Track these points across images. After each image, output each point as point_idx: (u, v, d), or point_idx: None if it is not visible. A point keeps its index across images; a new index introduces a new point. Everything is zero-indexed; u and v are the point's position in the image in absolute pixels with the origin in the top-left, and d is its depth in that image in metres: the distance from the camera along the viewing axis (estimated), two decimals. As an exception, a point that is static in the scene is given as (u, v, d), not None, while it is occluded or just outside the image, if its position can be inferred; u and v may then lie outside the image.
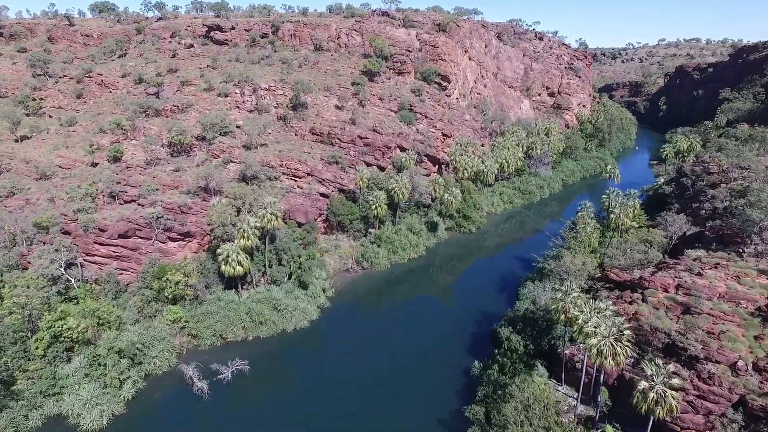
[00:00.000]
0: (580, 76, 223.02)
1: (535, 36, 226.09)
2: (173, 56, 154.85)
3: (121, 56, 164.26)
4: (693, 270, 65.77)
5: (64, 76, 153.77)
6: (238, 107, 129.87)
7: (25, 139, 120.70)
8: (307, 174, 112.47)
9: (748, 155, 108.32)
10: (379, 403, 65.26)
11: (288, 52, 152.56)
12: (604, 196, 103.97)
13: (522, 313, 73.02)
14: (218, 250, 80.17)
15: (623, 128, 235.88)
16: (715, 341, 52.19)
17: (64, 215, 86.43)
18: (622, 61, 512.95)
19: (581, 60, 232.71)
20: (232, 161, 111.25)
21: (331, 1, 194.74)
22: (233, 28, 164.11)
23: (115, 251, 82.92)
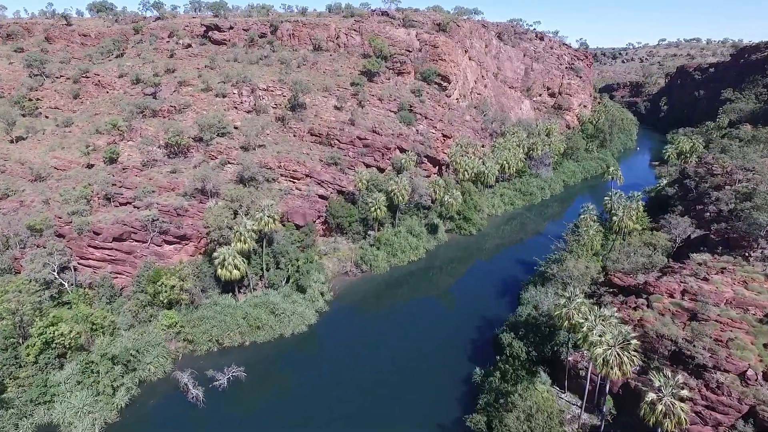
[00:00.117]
0: (581, 77, 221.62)
1: (536, 36, 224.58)
2: (171, 56, 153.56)
3: (118, 56, 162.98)
4: (699, 275, 64.31)
5: (61, 77, 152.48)
6: (236, 108, 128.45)
7: (21, 140, 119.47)
8: (306, 175, 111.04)
9: (753, 157, 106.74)
10: (379, 408, 64.09)
11: (287, 52, 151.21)
12: (606, 198, 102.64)
13: (524, 319, 71.55)
14: (214, 253, 78.70)
15: (624, 129, 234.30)
16: (724, 349, 50.73)
17: (59, 218, 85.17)
18: (623, 61, 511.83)
19: (582, 60, 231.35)
20: (229, 162, 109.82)
21: (330, 1, 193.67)
22: (231, 28, 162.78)
23: (109, 255, 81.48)
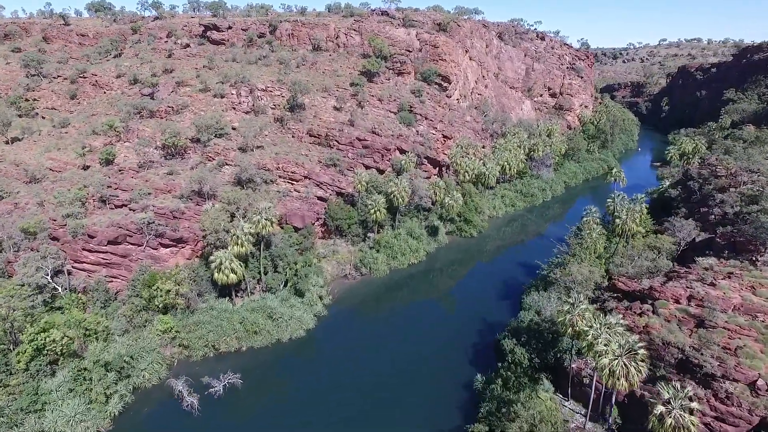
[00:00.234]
0: (582, 77, 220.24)
1: (537, 36, 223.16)
2: (169, 56, 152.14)
3: (116, 56, 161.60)
4: (705, 280, 62.88)
5: (59, 77, 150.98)
6: (234, 108, 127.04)
7: (16, 141, 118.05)
8: (305, 177, 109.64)
9: (758, 158, 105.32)
10: (378, 413, 63.06)
11: (285, 52, 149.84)
12: (609, 200, 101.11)
13: (526, 325, 70.12)
14: (211, 257, 77.30)
15: (625, 129, 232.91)
16: (732, 358, 49.33)
17: (53, 220, 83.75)
18: (623, 61, 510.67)
19: (583, 60, 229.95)
20: (227, 164, 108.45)
21: (330, 1, 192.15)
22: (230, 28, 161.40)
23: (104, 258, 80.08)
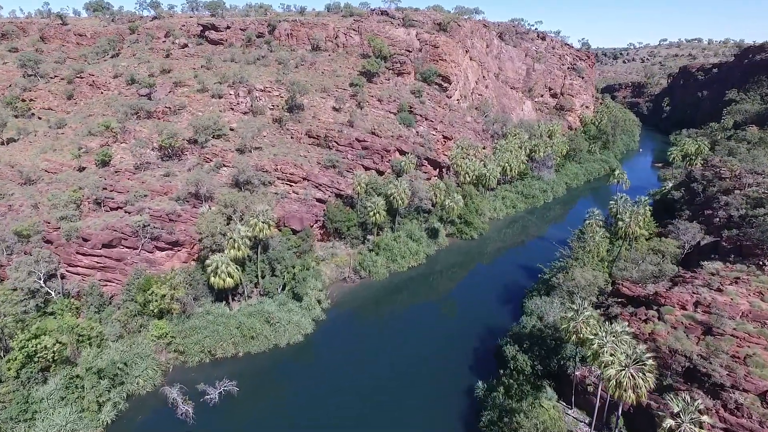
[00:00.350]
0: (583, 77, 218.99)
1: (538, 36, 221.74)
2: (167, 56, 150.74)
3: (113, 56, 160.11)
4: (712, 285, 61.49)
5: (56, 77, 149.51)
6: (232, 109, 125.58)
7: (12, 142, 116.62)
8: (303, 179, 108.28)
9: (763, 160, 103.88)
10: (377, 418, 61.91)
11: (284, 52, 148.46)
12: (611, 202, 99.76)
13: (529, 331, 68.70)
14: (207, 261, 75.84)
15: (627, 130, 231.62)
16: (742, 367, 47.93)
17: (47, 223, 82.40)
18: (624, 62, 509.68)
19: (584, 60, 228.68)
20: (225, 165, 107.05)
21: (329, 0, 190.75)
22: (229, 28, 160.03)
23: (98, 262, 78.70)
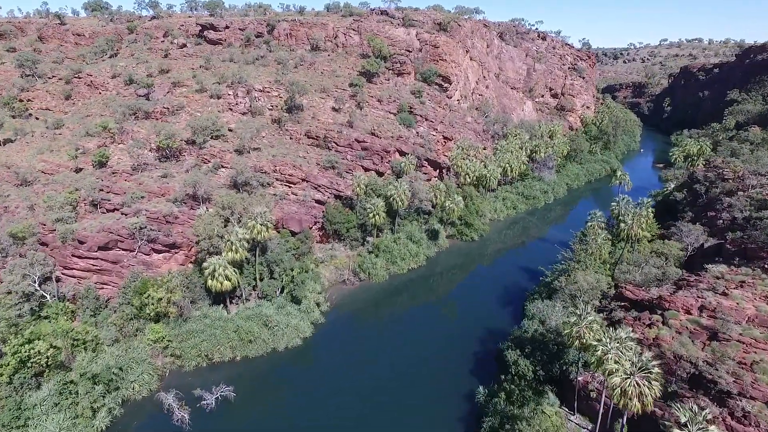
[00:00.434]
0: (583, 77, 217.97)
1: (538, 36, 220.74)
2: (165, 56, 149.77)
3: (112, 56, 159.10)
4: (717, 289, 60.47)
5: (53, 77, 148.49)
6: (230, 109, 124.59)
7: (9, 143, 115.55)
8: (302, 180, 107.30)
9: (766, 161, 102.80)
10: (376, 424, 61.09)
11: (283, 52, 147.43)
12: (613, 203, 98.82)
13: (530, 335, 67.66)
14: (204, 263, 74.84)
15: (627, 130, 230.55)
16: (749, 373, 46.94)
17: (43, 225, 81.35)
18: (624, 62, 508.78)
19: (585, 60, 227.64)
20: (223, 166, 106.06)
21: (329, 0, 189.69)
22: (227, 27, 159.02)
23: (94, 264, 77.66)
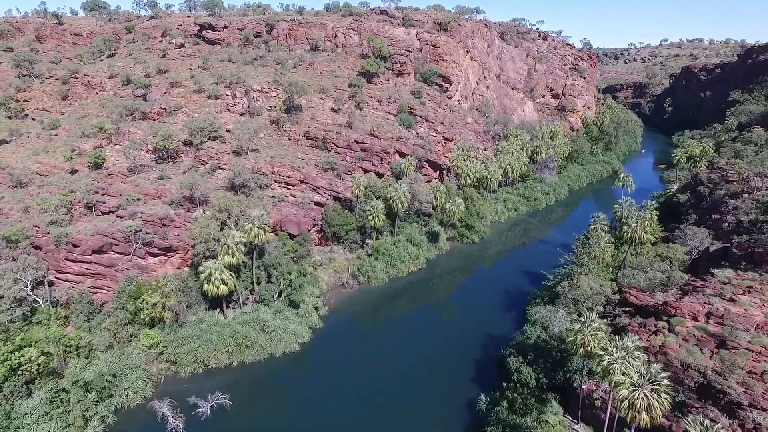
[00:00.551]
0: (584, 77, 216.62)
1: (539, 36, 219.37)
2: (163, 56, 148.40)
3: (109, 56, 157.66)
4: (724, 295, 59.10)
5: (50, 77, 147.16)
6: (228, 110, 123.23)
7: (4, 143, 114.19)
8: (301, 181, 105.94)
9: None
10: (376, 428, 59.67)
11: (282, 52, 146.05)
12: (616, 206, 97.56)
13: (533, 342, 66.24)
14: (200, 268, 73.45)
15: (629, 131, 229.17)
16: (759, 383, 45.57)
17: (36, 227, 79.95)
18: (625, 62, 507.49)
19: (586, 60, 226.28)
20: (220, 168, 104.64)
21: (328, 0, 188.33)
22: (226, 27, 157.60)
23: (88, 268, 76.21)
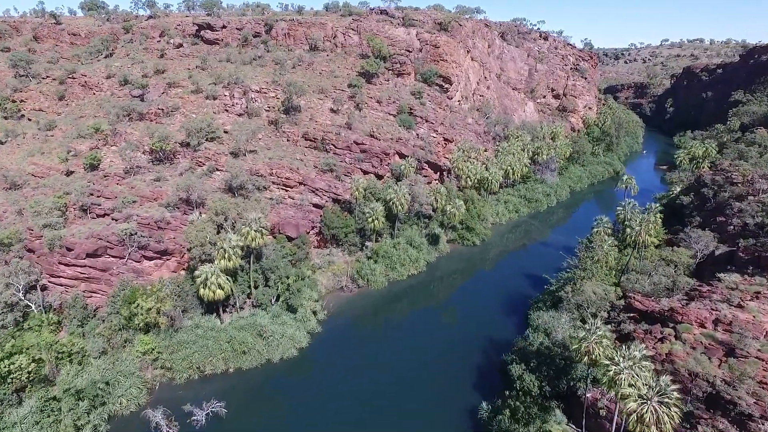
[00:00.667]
0: (585, 78, 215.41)
1: (540, 36, 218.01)
2: (161, 56, 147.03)
3: (107, 56, 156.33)
4: (732, 301, 57.72)
5: (47, 77, 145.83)
6: (226, 110, 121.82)
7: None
8: (299, 183, 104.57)
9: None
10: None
11: (281, 52, 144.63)
12: (619, 208, 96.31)
13: (536, 348, 64.82)
14: (196, 272, 72.08)
15: (630, 131, 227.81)
16: (770, 394, 44.29)
17: (30, 230, 78.59)
18: (625, 62, 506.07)
19: (587, 61, 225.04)
20: (218, 169, 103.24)
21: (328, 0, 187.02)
22: (224, 27, 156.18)
23: (82, 272, 74.83)
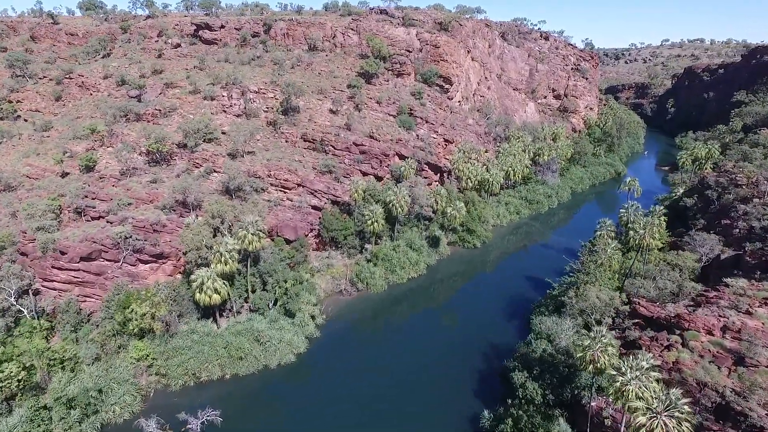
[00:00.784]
0: (586, 78, 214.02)
1: (541, 36, 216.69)
2: (159, 56, 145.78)
3: (105, 56, 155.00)
4: (740, 307, 56.36)
5: (44, 77, 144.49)
6: (224, 111, 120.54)
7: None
8: (298, 185, 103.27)
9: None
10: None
11: (280, 53, 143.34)
12: (622, 210, 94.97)
13: (539, 355, 63.44)
14: (192, 276, 70.73)
15: (631, 132, 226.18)
16: (782, 406, 42.98)
17: (24, 233, 77.24)
18: (626, 62, 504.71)
19: (588, 61, 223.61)
20: (215, 171, 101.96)
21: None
22: (223, 27, 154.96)
23: (76, 276, 73.51)
